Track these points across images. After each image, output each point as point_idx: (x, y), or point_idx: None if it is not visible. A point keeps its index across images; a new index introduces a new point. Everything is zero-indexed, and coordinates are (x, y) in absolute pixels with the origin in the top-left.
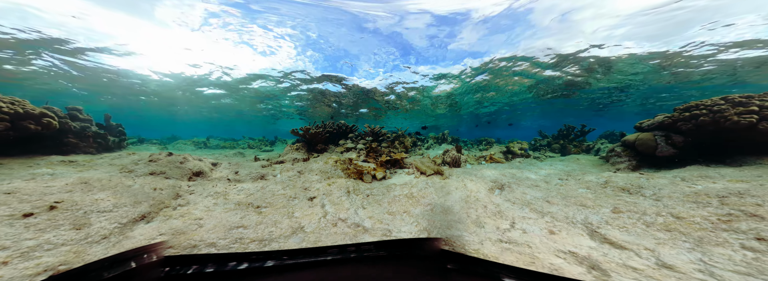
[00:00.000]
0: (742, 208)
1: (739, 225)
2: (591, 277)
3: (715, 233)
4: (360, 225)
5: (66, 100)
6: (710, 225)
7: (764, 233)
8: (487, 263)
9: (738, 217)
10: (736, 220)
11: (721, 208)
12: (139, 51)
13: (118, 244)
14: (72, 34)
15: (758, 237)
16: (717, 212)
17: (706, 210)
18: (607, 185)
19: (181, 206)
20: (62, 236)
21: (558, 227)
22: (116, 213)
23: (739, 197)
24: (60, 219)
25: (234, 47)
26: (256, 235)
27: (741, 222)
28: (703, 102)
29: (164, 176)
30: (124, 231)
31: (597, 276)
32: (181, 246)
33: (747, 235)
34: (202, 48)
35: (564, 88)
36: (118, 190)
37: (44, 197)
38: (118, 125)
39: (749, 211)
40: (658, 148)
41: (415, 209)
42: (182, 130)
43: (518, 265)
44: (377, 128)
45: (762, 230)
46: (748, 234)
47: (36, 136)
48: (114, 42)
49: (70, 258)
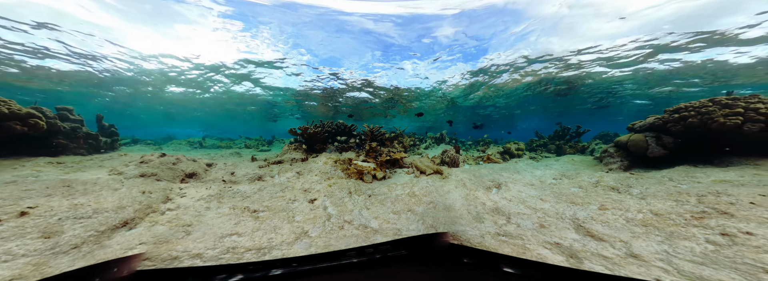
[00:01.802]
0: (715, 206)
1: (709, 222)
2: (567, 264)
3: (686, 228)
4: (368, 226)
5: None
6: (683, 221)
7: (729, 229)
8: (491, 254)
9: (710, 214)
10: (708, 217)
11: (697, 206)
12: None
13: (88, 255)
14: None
15: (723, 233)
16: (692, 209)
17: (683, 208)
18: (598, 185)
19: (170, 210)
20: (26, 245)
21: (548, 222)
22: (95, 220)
23: (715, 196)
24: (29, 226)
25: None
26: (252, 243)
27: (712, 218)
28: (692, 104)
29: (155, 179)
30: (101, 239)
31: (572, 263)
32: (160, 259)
33: (714, 230)
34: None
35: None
36: (102, 194)
37: (19, 202)
38: (111, 126)
39: (721, 209)
40: (649, 149)
41: (419, 207)
42: (178, 129)
43: (512, 255)
44: (376, 128)
45: (728, 226)
46: (715, 230)
47: (24, 137)
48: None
49: (26, 272)
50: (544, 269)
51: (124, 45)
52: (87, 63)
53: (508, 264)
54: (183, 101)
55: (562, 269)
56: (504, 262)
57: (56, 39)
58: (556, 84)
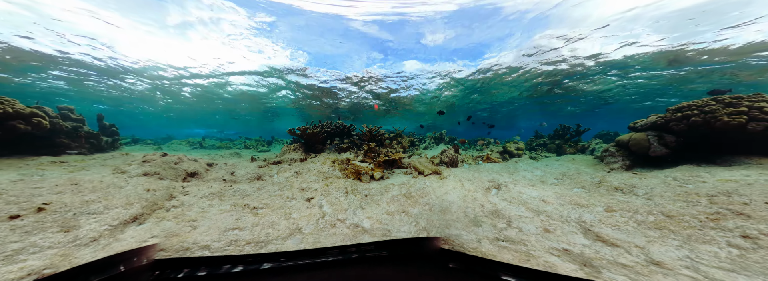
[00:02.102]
0: (729, 207)
1: (726, 223)
2: (583, 274)
3: (703, 231)
4: (359, 226)
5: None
6: (699, 223)
7: (749, 231)
8: (486, 261)
9: (725, 215)
10: (724, 218)
11: (710, 207)
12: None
13: (107, 247)
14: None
15: (743, 235)
16: (706, 210)
17: (696, 209)
18: (601, 185)
19: (175, 207)
20: (49, 238)
21: (553, 225)
22: (107, 215)
23: (727, 196)
24: (48, 220)
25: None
26: (252, 237)
27: (728, 220)
28: (695, 103)
29: (158, 177)
30: (115, 233)
31: (588, 272)
32: (173, 249)
33: (733, 233)
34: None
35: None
36: (109, 191)
37: (32, 199)
38: (112, 125)
39: (736, 210)
40: (651, 148)
41: (414, 209)
42: (176, 130)
43: (514, 263)
44: (375, 128)
45: (747, 228)
46: (734, 232)
47: (26, 136)
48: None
49: (56, 262)
50: (554, 279)
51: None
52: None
53: (508, 273)
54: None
55: (578, 280)
56: (504, 270)
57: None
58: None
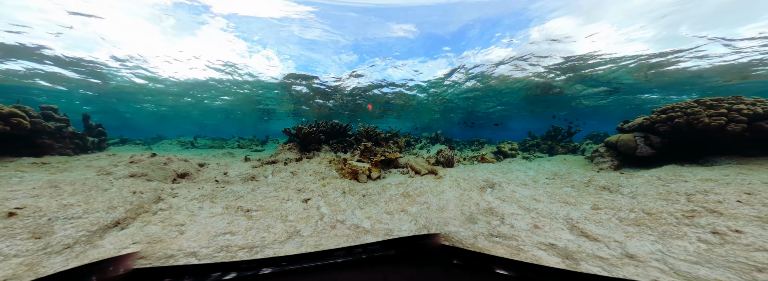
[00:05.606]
0: (704, 205)
1: (699, 220)
2: (564, 265)
3: (678, 227)
4: (360, 226)
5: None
6: (675, 220)
7: (720, 227)
8: (482, 255)
9: (700, 213)
10: (698, 216)
11: (687, 205)
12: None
13: (81, 254)
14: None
15: (713, 231)
16: (682, 208)
17: (674, 207)
18: (590, 184)
19: (162, 210)
20: (17, 246)
21: (542, 222)
22: (85, 220)
23: (703, 194)
24: (18, 226)
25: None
26: (245, 242)
27: (702, 217)
28: (678, 105)
29: (146, 179)
30: (93, 239)
31: (569, 264)
32: (155, 257)
33: (705, 229)
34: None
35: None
36: (91, 194)
37: (4, 203)
38: (98, 125)
39: (710, 208)
40: (638, 148)
41: (412, 208)
42: (169, 130)
43: (506, 257)
44: (371, 128)
45: (718, 225)
46: (706, 228)
47: (6, 137)
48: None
49: (20, 272)
50: (539, 271)
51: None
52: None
53: (501, 266)
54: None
55: (558, 271)
56: (497, 264)
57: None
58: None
